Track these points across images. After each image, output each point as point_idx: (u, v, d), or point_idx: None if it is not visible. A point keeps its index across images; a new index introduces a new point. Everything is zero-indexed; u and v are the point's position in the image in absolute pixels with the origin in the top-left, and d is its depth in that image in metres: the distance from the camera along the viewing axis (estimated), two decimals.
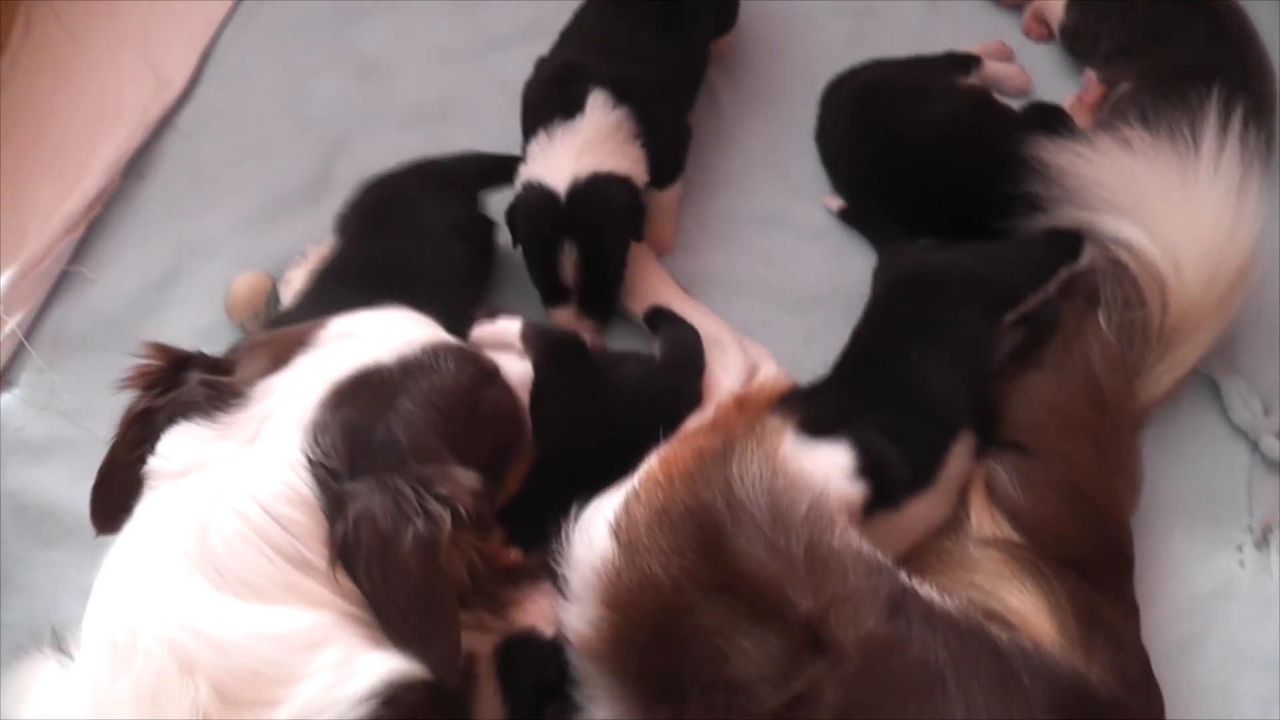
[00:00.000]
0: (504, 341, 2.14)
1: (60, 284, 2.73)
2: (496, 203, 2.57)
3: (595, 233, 2.35)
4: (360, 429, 1.67)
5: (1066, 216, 2.34)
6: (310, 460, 1.64)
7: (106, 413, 2.40)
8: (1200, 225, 2.22)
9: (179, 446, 1.70)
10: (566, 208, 2.34)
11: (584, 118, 2.38)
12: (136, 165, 2.92)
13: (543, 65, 2.55)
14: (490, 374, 1.92)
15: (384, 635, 1.60)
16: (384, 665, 1.55)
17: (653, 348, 2.39)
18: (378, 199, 2.51)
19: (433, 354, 1.81)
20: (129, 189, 2.89)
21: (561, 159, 2.36)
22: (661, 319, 2.41)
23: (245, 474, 1.64)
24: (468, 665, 1.78)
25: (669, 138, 2.56)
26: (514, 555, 1.93)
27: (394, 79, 3.04)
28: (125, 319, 2.65)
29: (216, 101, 3.03)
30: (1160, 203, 2.24)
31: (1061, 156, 2.34)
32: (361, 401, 1.70)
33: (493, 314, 2.24)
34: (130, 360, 1.84)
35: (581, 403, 2.13)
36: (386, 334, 1.83)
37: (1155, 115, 2.44)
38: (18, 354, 2.63)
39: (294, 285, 2.47)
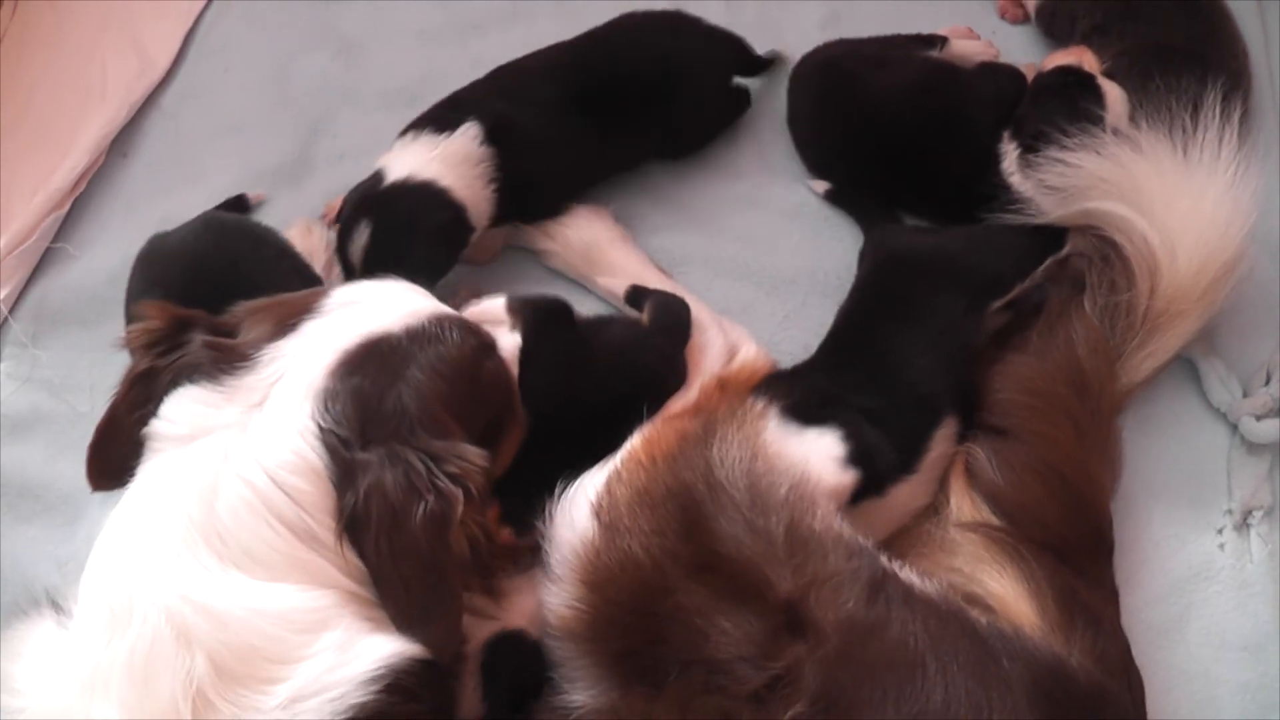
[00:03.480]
0: (492, 319, 2.12)
1: (44, 260, 2.74)
2: None
3: (393, 230, 2.34)
4: (371, 398, 1.67)
5: (1066, 204, 2.33)
6: (321, 428, 1.63)
7: (88, 387, 2.43)
8: (1198, 213, 2.21)
9: (184, 410, 1.69)
10: (381, 192, 2.35)
11: (450, 137, 2.39)
12: (120, 143, 2.93)
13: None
14: (489, 346, 1.92)
15: (385, 611, 1.61)
16: (384, 649, 1.56)
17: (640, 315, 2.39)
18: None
19: (438, 324, 1.80)
20: (112, 167, 2.90)
21: (410, 157, 2.39)
22: (645, 293, 2.40)
23: (253, 441, 1.63)
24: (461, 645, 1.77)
25: (535, 193, 2.55)
26: (507, 535, 1.91)
27: (373, 59, 3.05)
28: (108, 295, 2.62)
29: (199, 81, 3.04)
30: (1160, 189, 2.23)
31: (1066, 156, 2.31)
32: (371, 370, 1.70)
33: (476, 293, 2.24)
34: (113, 335, 1.83)
35: (569, 366, 2.12)
36: (391, 303, 1.82)
37: (1139, 97, 2.45)
38: (1, 329, 2.63)
39: None
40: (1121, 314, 2.24)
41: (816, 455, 1.97)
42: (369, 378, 1.69)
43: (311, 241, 2.56)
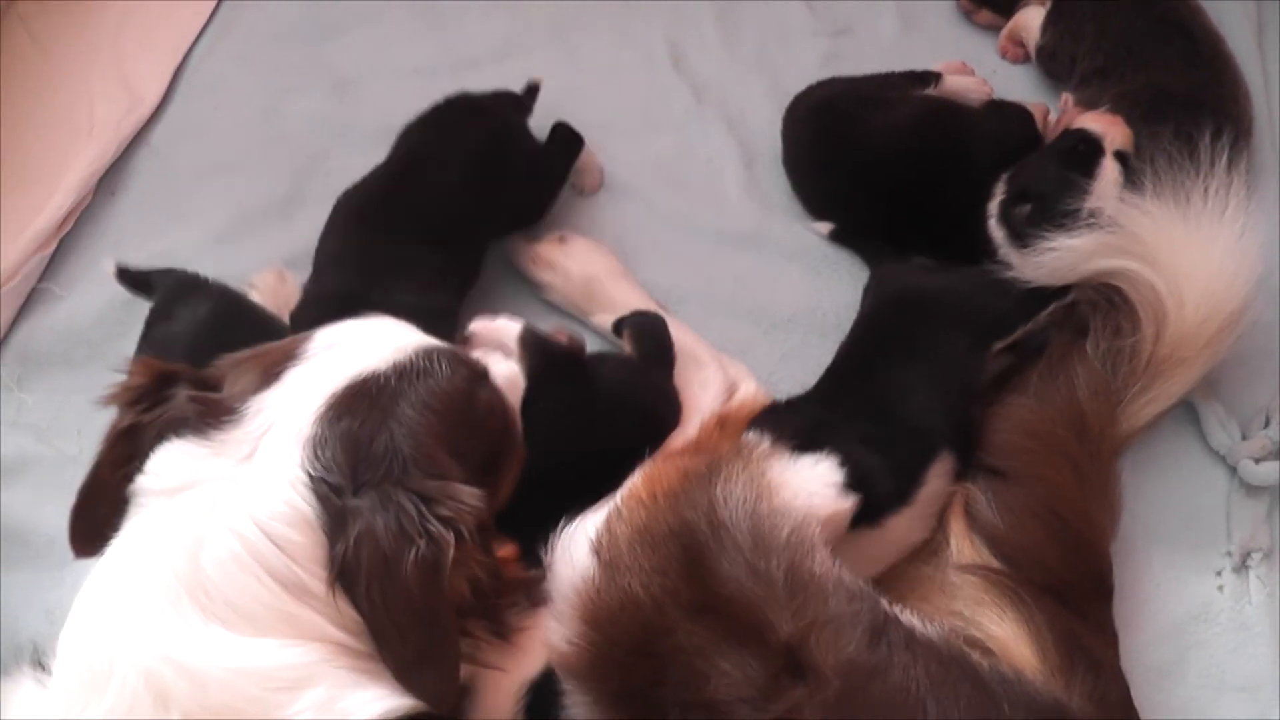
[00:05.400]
0: (499, 340, 2.11)
1: (30, 301, 2.70)
2: None
3: None
4: (361, 440, 1.62)
5: (1058, 277, 2.32)
6: (311, 476, 1.58)
7: (75, 430, 2.40)
8: (1207, 262, 2.20)
9: (171, 464, 1.63)
10: None
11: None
12: (108, 181, 2.90)
13: (312, 292, 2.41)
14: (481, 375, 1.87)
15: (379, 663, 1.56)
16: (369, 709, 1.51)
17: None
18: None
19: (425, 358, 1.76)
20: (100, 205, 2.86)
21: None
22: (623, 320, 2.40)
23: (243, 492, 1.58)
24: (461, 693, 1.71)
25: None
26: (515, 568, 1.84)
27: (367, 96, 3.03)
28: (95, 336, 2.61)
29: (188, 117, 3.02)
30: (1168, 238, 2.22)
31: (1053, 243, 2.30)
32: (360, 412, 1.65)
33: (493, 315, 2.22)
34: (101, 378, 1.78)
35: (575, 414, 2.11)
36: (376, 341, 1.78)
37: (1141, 140, 2.47)
38: None
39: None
40: (1125, 359, 2.24)
41: (814, 482, 1.96)
42: (358, 420, 1.64)
43: (285, 290, 2.53)
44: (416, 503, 1.58)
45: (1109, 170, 2.43)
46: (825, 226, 2.71)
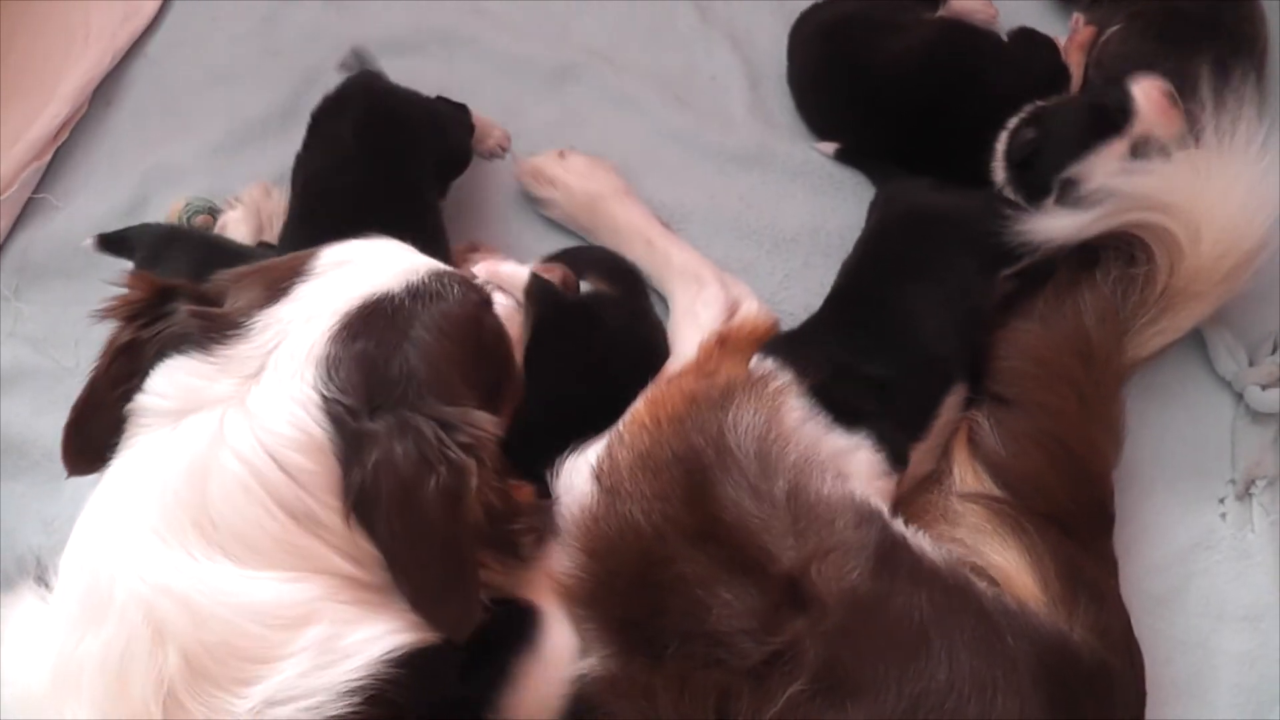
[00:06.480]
0: (504, 285, 2.07)
1: (26, 211, 2.69)
2: None
3: None
4: (376, 362, 1.57)
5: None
6: (324, 397, 1.53)
7: (72, 341, 2.41)
8: (1224, 199, 2.16)
9: (173, 382, 1.57)
10: None
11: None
12: (104, 92, 2.87)
13: None
14: (487, 300, 1.82)
15: (385, 594, 1.53)
16: (370, 650, 1.48)
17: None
18: None
19: (438, 280, 1.70)
20: (96, 116, 2.84)
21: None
22: (580, 255, 2.41)
23: (250, 414, 1.53)
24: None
25: None
26: (525, 492, 1.80)
27: (366, 8, 2.97)
28: None
29: (186, 28, 2.97)
30: (1186, 173, 2.18)
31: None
32: (375, 332, 1.59)
33: (474, 248, 2.21)
34: (98, 289, 1.75)
35: (584, 359, 2.11)
36: (386, 261, 1.72)
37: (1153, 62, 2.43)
38: None
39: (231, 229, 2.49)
40: (1136, 287, 2.21)
41: (858, 469, 1.94)
42: (373, 341, 1.59)
43: (269, 205, 2.53)
44: (435, 429, 1.53)
45: (1117, 149, 2.33)
46: (830, 146, 2.66)
